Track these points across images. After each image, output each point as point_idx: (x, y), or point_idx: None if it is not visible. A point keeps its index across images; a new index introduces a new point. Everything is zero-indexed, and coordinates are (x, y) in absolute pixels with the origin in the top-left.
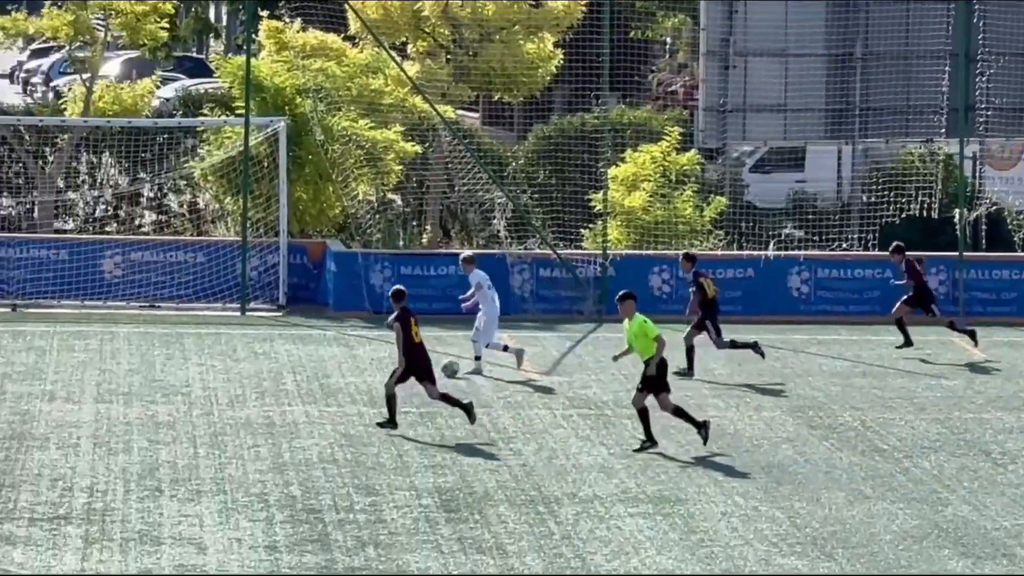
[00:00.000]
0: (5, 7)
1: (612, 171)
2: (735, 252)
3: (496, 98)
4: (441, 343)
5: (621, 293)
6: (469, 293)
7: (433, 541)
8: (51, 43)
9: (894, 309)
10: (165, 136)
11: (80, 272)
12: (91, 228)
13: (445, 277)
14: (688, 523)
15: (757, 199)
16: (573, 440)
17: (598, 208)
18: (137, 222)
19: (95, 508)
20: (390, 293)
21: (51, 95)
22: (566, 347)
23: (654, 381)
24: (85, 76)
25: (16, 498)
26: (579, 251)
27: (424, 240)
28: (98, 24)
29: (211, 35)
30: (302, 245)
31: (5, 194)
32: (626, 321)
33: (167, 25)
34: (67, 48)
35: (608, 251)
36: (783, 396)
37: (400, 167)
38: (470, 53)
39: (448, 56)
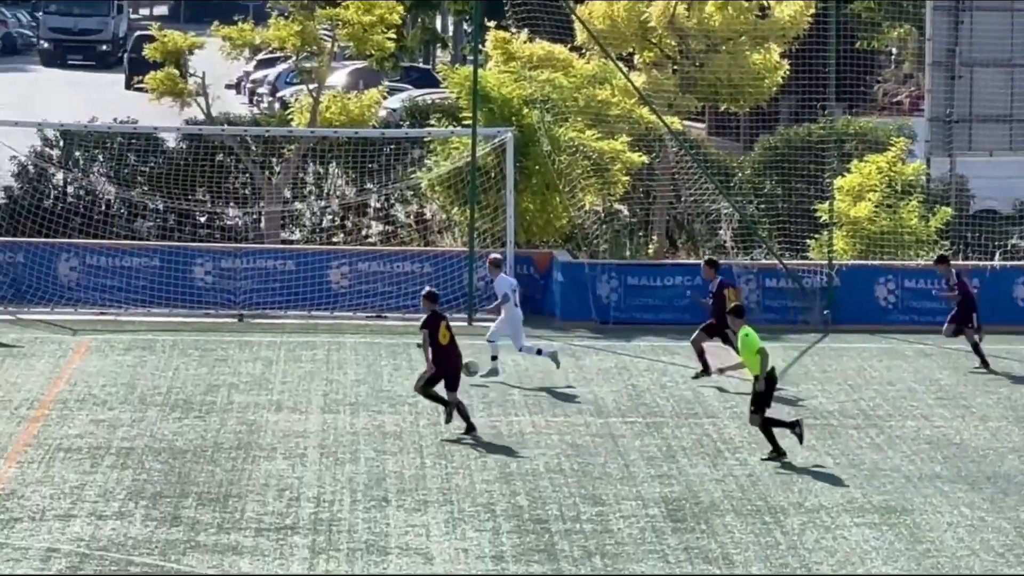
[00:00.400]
0: (232, 18)
1: (838, 181)
2: (962, 263)
3: (722, 108)
4: (667, 352)
5: (729, 307)
6: (498, 303)
7: (659, 551)
8: (278, 53)
9: (944, 328)
10: (392, 146)
11: (307, 282)
12: (318, 238)
13: (672, 288)
14: (914, 533)
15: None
16: (799, 450)
17: (824, 218)
18: (364, 232)
19: (322, 518)
20: (422, 295)
21: (277, 105)
22: (792, 357)
23: (763, 398)
24: (312, 86)
25: (243, 508)
26: (805, 261)
27: (650, 250)
28: (325, 35)
29: (438, 45)
30: (529, 255)
31: (232, 205)
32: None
33: (394, 36)
34: (294, 59)
35: (834, 261)
36: (1009, 407)
37: (627, 177)
38: (696, 64)
39: (674, 67)
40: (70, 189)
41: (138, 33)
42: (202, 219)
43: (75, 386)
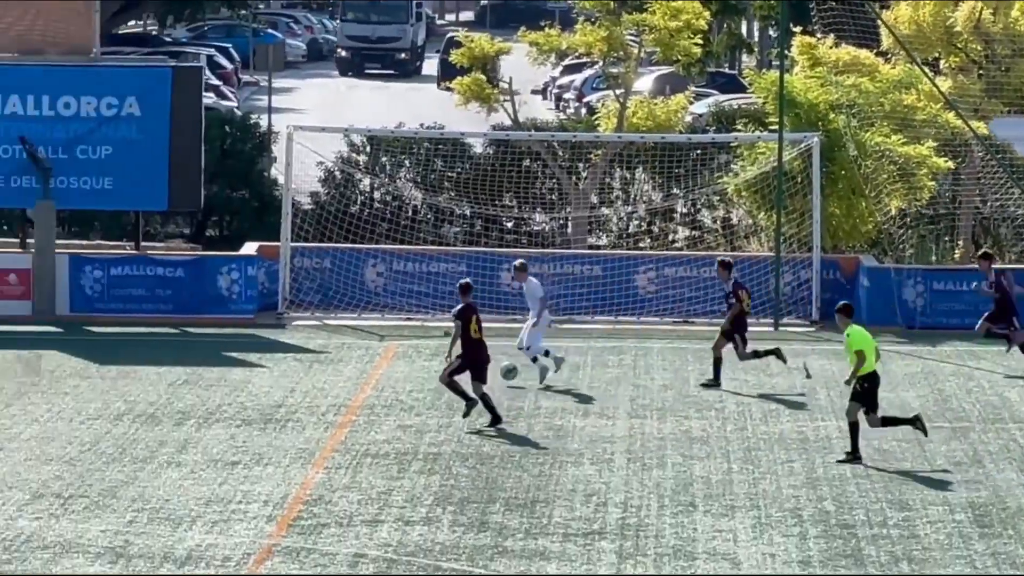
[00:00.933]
0: (538, 23)
1: None
2: None
3: None
4: (974, 357)
5: (837, 305)
6: (538, 310)
7: (966, 557)
8: (584, 59)
9: (977, 327)
10: (698, 152)
11: (614, 288)
12: (625, 244)
13: (977, 292)
14: None
15: None
16: None
17: None
18: (670, 237)
19: (629, 523)
20: (458, 286)
21: (584, 111)
22: None
23: (861, 397)
24: (618, 92)
25: (550, 513)
26: None
27: (956, 255)
28: (631, 40)
29: (743, 50)
30: (835, 260)
31: (539, 210)
32: None
33: (700, 41)
34: (600, 64)
35: None
36: None
37: (932, 182)
38: (1002, 68)
39: (980, 71)
40: (377, 194)
41: (450, 35)
42: (509, 224)
43: (382, 391)
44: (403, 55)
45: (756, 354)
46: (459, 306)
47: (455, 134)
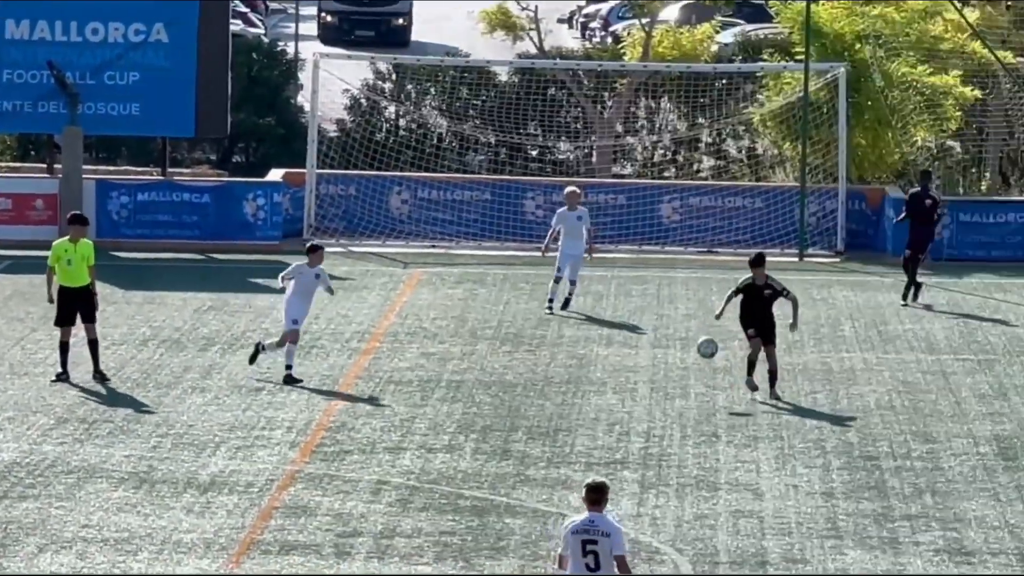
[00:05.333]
0: None
1: None
2: None
3: None
4: (1000, 290)
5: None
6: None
7: (990, 490)
8: None
9: None
10: (724, 81)
11: (638, 217)
12: (649, 173)
13: (1005, 224)
14: None
15: None
16: None
17: None
18: (695, 167)
19: (651, 453)
20: None
21: (609, 40)
22: None
23: None
24: (644, 21)
25: (573, 442)
26: None
27: (983, 187)
28: None
29: None
30: (860, 191)
31: (563, 139)
32: None
33: None
34: None
35: None
36: None
37: (959, 113)
38: None
39: (1009, 3)
40: (402, 122)
41: None
42: (533, 153)
43: (406, 319)
44: (400, 20)
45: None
46: None
47: (480, 62)
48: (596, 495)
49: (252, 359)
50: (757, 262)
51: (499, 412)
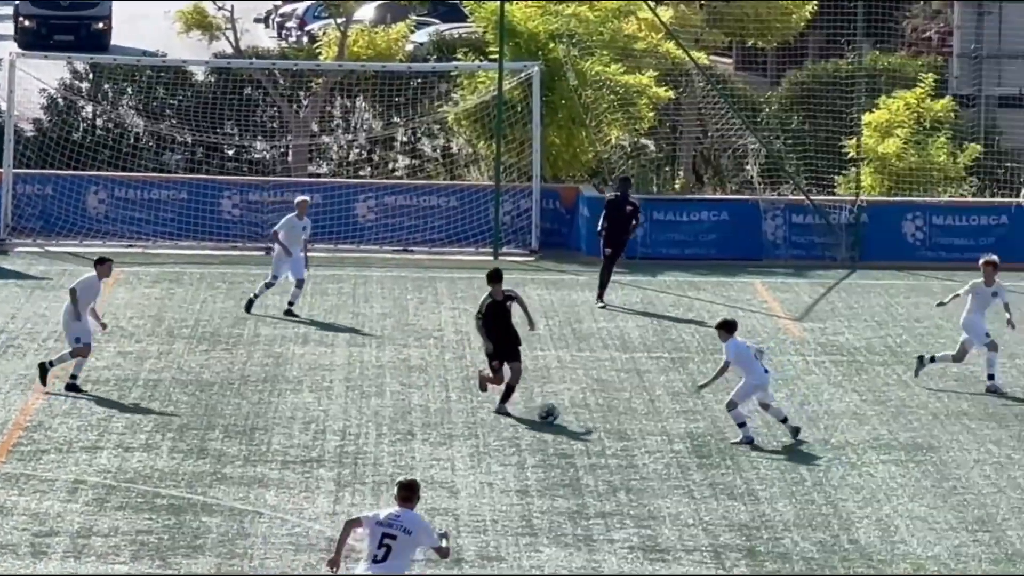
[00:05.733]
0: None
1: (866, 117)
2: (988, 199)
3: (749, 44)
4: (693, 288)
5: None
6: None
7: (684, 487)
8: None
9: None
10: (419, 80)
11: (334, 216)
12: (345, 172)
13: (698, 223)
14: (940, 471)
15: None
16: (825, 387)
17: (851, 154)
18: (391, 166)
19: (347, 451)
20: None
21: (305, 39)
22: (818, 294)
23: None
24: (340, 20)
25: (269, 440)
26: (832, 197)
27: (677, 185)
28: None
29: None
30: (555, 190)
31: (260, 138)
32: None
33: None
34: None
35: (861, 197)
36: None
37: (653, 112)
38: None
39: (702, 2)
40: (99, 122)
41: None
42: (230, 152)
43: (102, 318)
44: (100, 24)
45: None
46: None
47: (177, 62)
48: (407, 492)
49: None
50: (495, 277)
51: (196, 411)
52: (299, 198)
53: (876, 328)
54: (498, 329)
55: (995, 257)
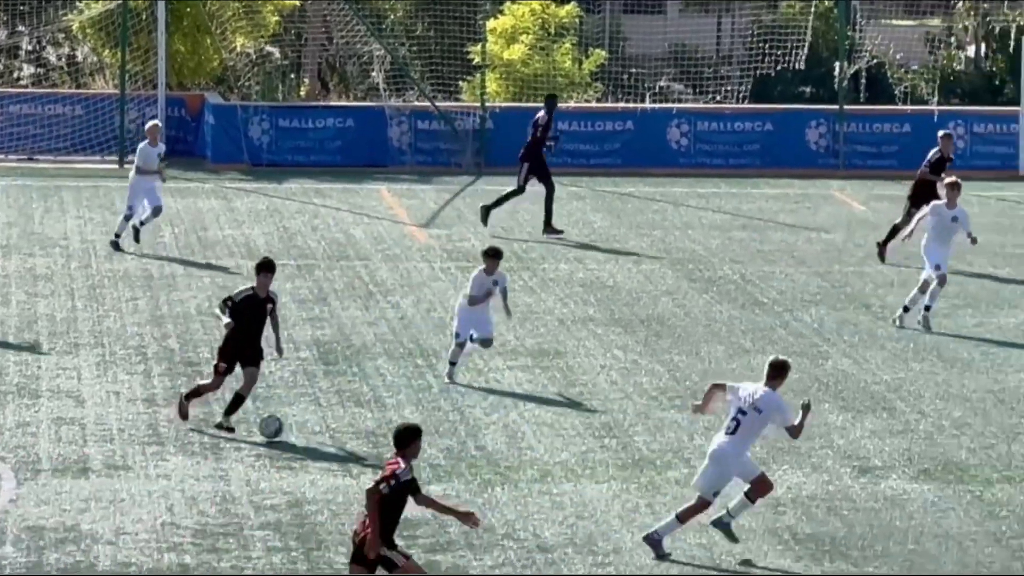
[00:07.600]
0: None
1: (490, 23)
2: (613, 105)
3: None
4: (319, 195)
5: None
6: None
7: (311, 394)
8: None
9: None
10: None
11: None
12: None
13: (323, 130)
14: (567, 376)
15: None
16: (451, 293)
17: (476, 61)
18: (16, 75)
19: None
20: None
21: None
22: (444, 200)
23: None
24: None
25: None
26: (457, 104)
27: (302, 92)
28: None
29: None
30: (180, 98)
31: None
32: None
33: None
34: None
35: (486, 104)
36: (662, 249)
37: (278, 19)
38: None
39: None
40: None
41: None
42: None
43: None
44: None
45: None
46: None
47: None
48: (772, 372)
49: None
50: (266, 267)
51: None
52: (150, 123)
53: (502, 234)
54: (247, 332)
55: (956, 179)
